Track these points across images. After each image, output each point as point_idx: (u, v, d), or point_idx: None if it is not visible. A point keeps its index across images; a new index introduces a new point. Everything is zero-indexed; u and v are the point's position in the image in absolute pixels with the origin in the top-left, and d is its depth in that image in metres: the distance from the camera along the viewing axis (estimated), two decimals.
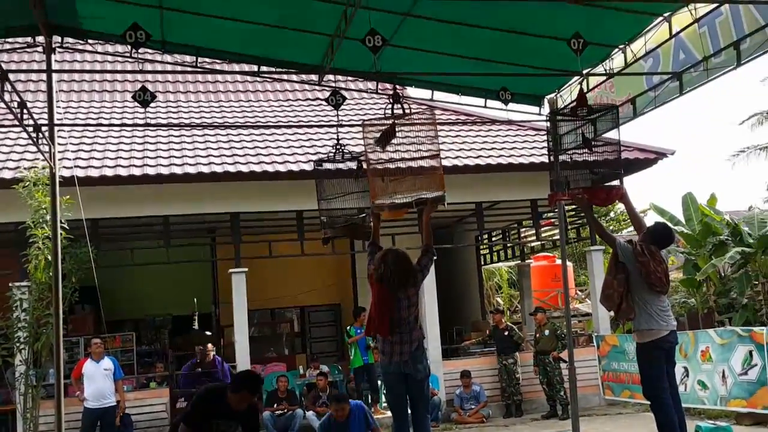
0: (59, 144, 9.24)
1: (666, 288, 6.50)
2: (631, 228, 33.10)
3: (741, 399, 9.60)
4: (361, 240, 9.02)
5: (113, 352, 12.71)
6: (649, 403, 6.61)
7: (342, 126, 10.60)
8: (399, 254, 6.01)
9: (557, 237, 16.67)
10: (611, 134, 7.63)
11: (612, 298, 6.52)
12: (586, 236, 15.07)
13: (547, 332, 13.09)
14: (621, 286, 6.43)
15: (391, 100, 6.65)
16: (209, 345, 12.59)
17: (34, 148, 9.83)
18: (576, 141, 7.80)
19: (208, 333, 16.85)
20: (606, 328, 13.90)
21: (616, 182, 7.43)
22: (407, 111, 6.61)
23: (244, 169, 12.63)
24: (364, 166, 6.76)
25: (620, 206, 32.17)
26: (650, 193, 37.56)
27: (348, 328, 13.61)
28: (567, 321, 10.28)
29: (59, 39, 8.40)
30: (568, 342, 10.58)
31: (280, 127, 14.69)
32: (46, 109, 8.39)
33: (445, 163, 13.47)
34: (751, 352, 9.45)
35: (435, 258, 6.43)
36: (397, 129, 6.39)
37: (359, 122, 7.07)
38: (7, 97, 7.18)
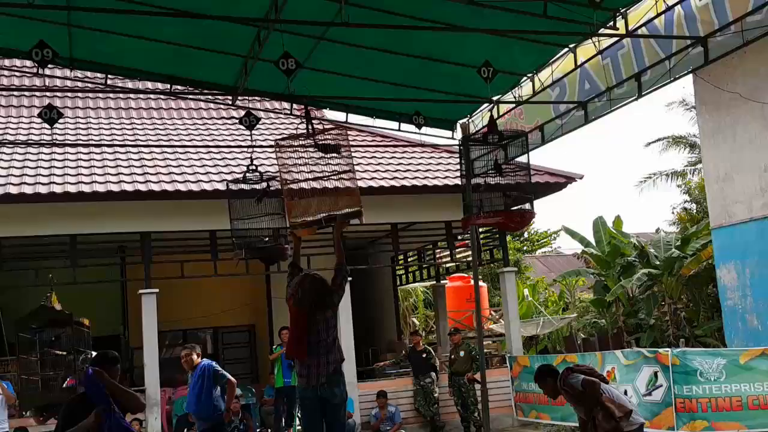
0: None
1: None
2: (546, 248, 34.15)
3: (645, 420, 9.93)
4: (275, 262, 8.93)
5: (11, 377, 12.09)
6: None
7: (256, 147, 10.54)
8: (316, 279, 6.01)
9: (471, 258, 17.03)
10: (522, 159, 7.86)
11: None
12: (499, 258, 15.40)
13: (462, 353, 13.26)
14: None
15: (303, 120, 6.65)
16: None
17: None
18: (488, 166, 8.00)
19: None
20: (519, 349, 14.20)
21: (527, 206, 7.64)
22: (318, 129, 6.61)
23: (156, 187, 12.33)
24: (272, 187, 6.74)
25: (534, 227, 33.08)
26: (562, 216, 39.15)
27: (274, 346, 13.45)
28: (479, 342, 10.47)
29: None
30: (480, 363, 10.76)
31: (193, 146, 14.45)
32: None
33: (360, 184, 13.49)
34: (656, 373, 9.74)
35: (349, 277, 6.43)
36: (310, 147, 6.39)
37: (273, 142, 7.05)
38: None
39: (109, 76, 9.23)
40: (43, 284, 12.40)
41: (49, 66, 7.36)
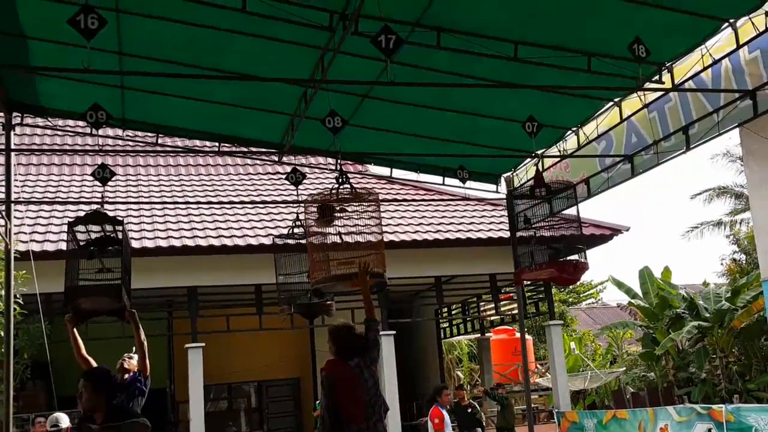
0: (15, 218, 9.11)
1: None
2: (590, 300, 33.50)
3: None
4: (317, 317, 8.92)
5: None
6: None
7: (301, 203, 10.65)
8: (351, 329, 5.76)
9: (516, 311, 16.80)
10: (569, 211, 7.81)
11: None
12: (545, 311, 15.17)
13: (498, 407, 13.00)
14: None
15: (337, 179, 6.63)
16: None
17: None
18: (536, 219, 7.96)
19: None
20: (566, 404, 13.87)
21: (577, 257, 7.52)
22: (351, 193, 6.58)
23: (203, 243, 12.55)
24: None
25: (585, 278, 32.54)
26: (606, 268, 38.34)
27: (318, 401, 13.37)
28: (527, 396, 10.25)
29: (19, 116, 8.38)
30: (528, 418, 10.52)
31: (240, 203, 14.70)
32: (2, 183, 8.31)
33: (403, 237, 13.72)
34: (710, 430, 9.48)
35: (387, 331, 6.25)
36: (341, 207, 6.40)
37: (313, 198, 7.11)
38: None
39: (159, 135, 9.48)
40: (96, 338, 12.57)
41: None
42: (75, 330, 5.78)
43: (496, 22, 6.71)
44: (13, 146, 8.55)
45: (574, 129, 8.93)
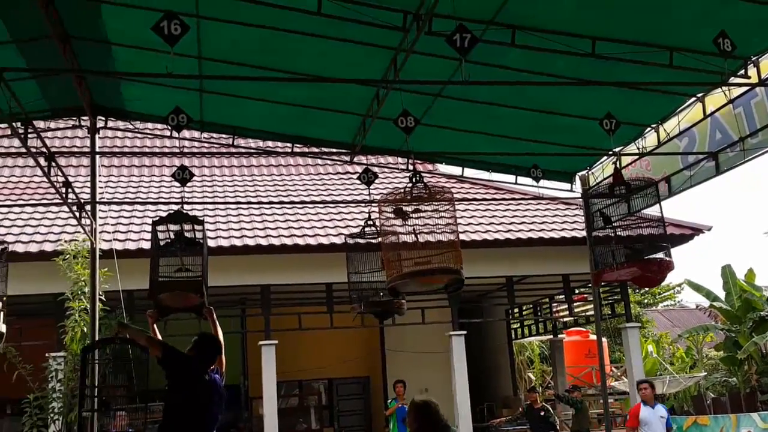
0: (99, 217, 9.46)
1: None
2: (668, 302, 32.51)
3: None
4: (389, 317, 8.93)
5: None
6: None
7: (373, 202, 10.70)
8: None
9: (591, 312, 16.45)
10: (650, 210, 7.56)
11: None
12: (621, 312, 14.81)
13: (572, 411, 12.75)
14: None
15: (411, 178, 6.62)
16: None
17: (74, 222, 10.05)
18: (614, 218, 7.75)
19: None
20: None
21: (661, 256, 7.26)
22: (426, 192, 6.56)
23: (276, 242, 12.75)
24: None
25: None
26: (685, 269, 36.93)
27: (389, 401, 13.44)
28: (604, 400, 10.02)
29: (103, 119, 8.69)
30: (606, 422, 10.27)
31: (312, 203, 14.88)
32: (86, 184, 8.63)
33: (474, 237, 13.60)
34: None
35: None
36: (416, 207, 6.38)
37: (387, 197, 7.14)
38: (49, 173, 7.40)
39: (235, 136, 9.68)
40: (173, 334, 12.93)
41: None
42: (155, 325, 5.96)
43: (574, 18, 6.57)
44: (96, 149, 8.87)
45: (653, 126, 8.67)
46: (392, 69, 7.28)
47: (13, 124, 6.67)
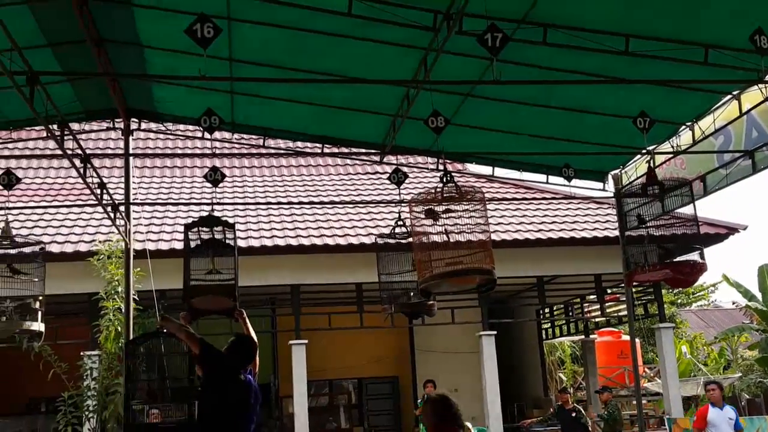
0: (132, 218, 9.56)
1: None
2: (702, 302, 31.98)
3: None
4: (419, 317, 8.92)
5: None
6: None
7: (404, 203, 10.69)
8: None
9: (624, 312, 16.25)
10: (683, 210, 7.46)
11: None
12: (654, 312, 14.62)
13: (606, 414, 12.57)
14: None
15: (441, 178, 6.59)
16: None
17: (107, 222, 10.20)
18: (647, 217, 7.65)
19: None
20: (679, 411, 13.30)
21: (694, 257, 7.18)
22: (456, 192, 6.52)
23: (306, 242, 12.80)
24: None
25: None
26: (720, 268, 36.26)
27: (419, 400, 13.43)
28: (638, 402, 9.88)
29: (136, 121, 8.79)
30: (639, 423, 10.14)
31: (341, 203, 14.91)
32: (119, 185, 8.73)
33: (504, 236, 13.51)
34: None
35: None
36: (447, 207, 6.35)
37: (418, 197, 7.14)
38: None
39: (265, 137, 9.73)
40: (205, 333, 13.02)
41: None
42: (189, 326, 6.02)
43: (606, 16, 6.49)
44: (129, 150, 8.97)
45: (688, 124, 8.53)
46: (422, 69, 7.26)
47: (49, 126, 6.77)
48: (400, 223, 7.69)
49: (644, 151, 8.81)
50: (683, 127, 8.61)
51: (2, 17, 5.20)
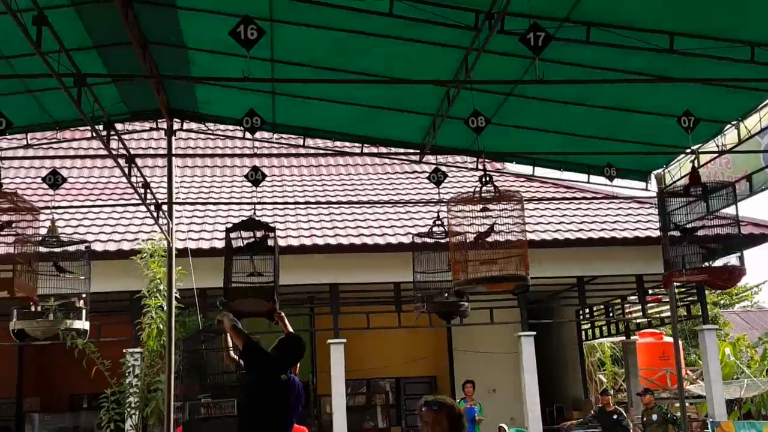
0: (174, 217, 9.71)
1: None
2: (746, 303, 31.32)
3: None
4: (454, 318, 8.88)
5: None
6: None
7: (442, 202, 10.66)
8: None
9: (665, 313, 16.00)
10: (728, 211, 7.31)
11: None
12: (697, 314, 14.36)
13: (654, 416, 12.38)
14: None
15: (481, 179, 6.53)
16: None
17: (149, 221, 10.35)
18: (689, 218, 7.52)
19: None
20: (722, 414, 13.06)
21: (733, 261, 7.05)
22: (496, 193, 6.46)
23: (344, 241, 12.85)
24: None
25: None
26: (764, 269, 35.46)
27: (458, 400, 13.39)
28: (681, 404, 9.72)
29: (178, 121, 8.92)
30: (683, 427, 9.98)
31: (380, 202, 14.93)
32: (161, 185, 8.86)
33: (544, 236, 13.39)
34: None
35: None
36: (484, 207, 6.31)
37: (457, 198, 7.13)
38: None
39: (305, 137, 9.79)
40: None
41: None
42: (238, 322, 6.10)
43: (651, 14, 6.39)
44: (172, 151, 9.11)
45: (733, 123, 8.35)
46: (463, 68, 7.23)
47: (95, 127, 6.91)
48: (438, 222, 7.67)
49: (688, 150, 8.64)
50: (728, 125, 8.43)
51: (51, 20, 5.31)
